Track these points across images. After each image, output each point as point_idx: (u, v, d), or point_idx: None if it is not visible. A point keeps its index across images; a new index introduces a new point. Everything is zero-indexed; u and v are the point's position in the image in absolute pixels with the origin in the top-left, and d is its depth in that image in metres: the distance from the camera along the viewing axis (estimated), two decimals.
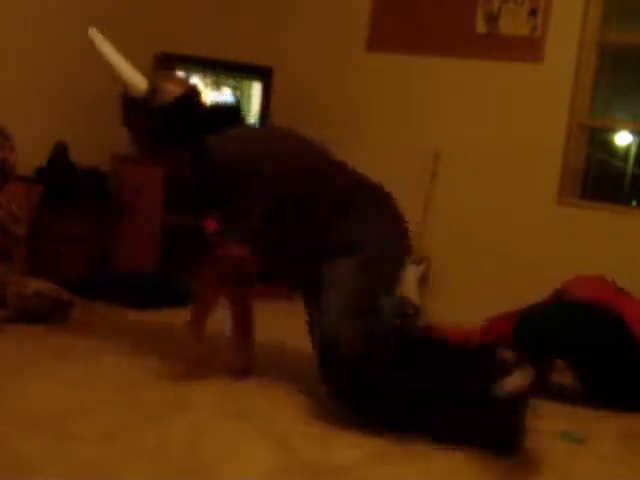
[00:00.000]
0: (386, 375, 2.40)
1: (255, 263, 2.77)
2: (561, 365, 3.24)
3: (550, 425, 2.76)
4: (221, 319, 2.99)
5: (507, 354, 2.33)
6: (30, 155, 3.74)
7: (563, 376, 3.25)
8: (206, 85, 4.42)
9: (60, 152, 3.97)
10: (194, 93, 2.70)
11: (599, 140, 5.05)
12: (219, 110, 2.86)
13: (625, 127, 5.09)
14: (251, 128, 2.78)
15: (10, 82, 3.86)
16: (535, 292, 3.48)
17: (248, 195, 2.59)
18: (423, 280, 4.37)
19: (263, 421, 2.44)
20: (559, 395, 3.15)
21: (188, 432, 2.26)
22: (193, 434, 2.25)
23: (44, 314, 3.24)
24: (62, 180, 3.93)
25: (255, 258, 2.68)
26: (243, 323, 2.99)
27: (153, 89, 2.63)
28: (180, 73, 4.27)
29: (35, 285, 3.29)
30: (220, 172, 2.61)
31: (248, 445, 2.23)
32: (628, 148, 5.62)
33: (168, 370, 2.77)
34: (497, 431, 2.32)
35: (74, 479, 1.88)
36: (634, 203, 5.27)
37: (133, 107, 2.66)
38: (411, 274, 4.31)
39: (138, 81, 2.64)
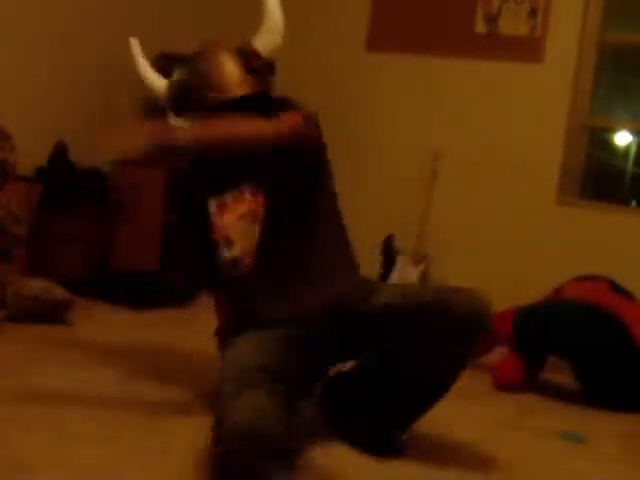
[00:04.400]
0: None
1: None
2: (560, 364, 3.24)
3: (550, 425, 2.76)
4: None
5: None
6: (30, 155, 3.73)
7: (562, 375, 3.25)
8: None
9: (60, 152, 3.97)
10: None
11: (599, 140, 5.05)
12: None
13: (625, 127, 5.09)
14: None
15: (10, 82, 3.86)
16: (535, 292, 3.49)
17: None
18: (423, 280, 4.37)
19: None
20: (558, 394, 3.16)
21: (189, 432, 2.26)
22: (194, 434, 2.25)
23: (44, 314, 3.24)
24: (62, 180, 3.93)
25: None
26: None
27: None
28: None
29: (35, 285, 3.29)
30: None
31: None
32: (628, 148, 5.63)
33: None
34: None
35: (74, 479, 1.89)
36: (634, 203, 5.27)
37: None
38: (411, 274, 4.31)
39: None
